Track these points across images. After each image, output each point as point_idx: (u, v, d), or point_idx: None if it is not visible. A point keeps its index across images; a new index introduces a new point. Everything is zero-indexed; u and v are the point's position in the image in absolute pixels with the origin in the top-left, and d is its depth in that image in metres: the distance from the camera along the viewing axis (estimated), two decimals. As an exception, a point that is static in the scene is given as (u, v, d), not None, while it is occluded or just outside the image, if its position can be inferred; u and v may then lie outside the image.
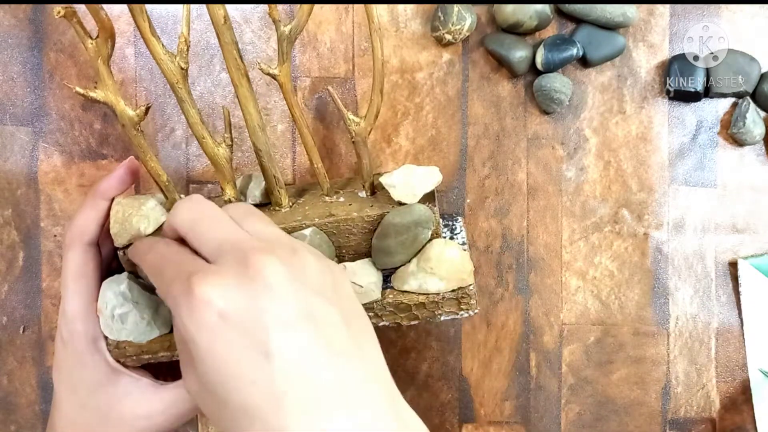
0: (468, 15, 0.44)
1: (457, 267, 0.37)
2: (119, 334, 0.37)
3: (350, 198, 0.39)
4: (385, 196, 0.37)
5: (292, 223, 0.37)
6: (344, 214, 0.37)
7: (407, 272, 0.38)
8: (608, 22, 0.45)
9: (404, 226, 0.36)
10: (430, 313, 0.38)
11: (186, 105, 0.34)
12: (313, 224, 0.37)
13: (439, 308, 0.38)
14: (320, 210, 0.37)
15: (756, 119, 0.47)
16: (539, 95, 0.46)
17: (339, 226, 0.37)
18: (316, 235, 0.36)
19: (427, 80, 0.46)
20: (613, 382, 0.49)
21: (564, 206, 0.48)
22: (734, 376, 0.49)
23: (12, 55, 0.44)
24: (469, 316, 0.39)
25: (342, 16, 0.46)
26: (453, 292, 0.38)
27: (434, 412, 0.48)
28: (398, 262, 0.38)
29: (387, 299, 0.38)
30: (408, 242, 0.37)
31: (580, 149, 0.48)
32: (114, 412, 0.37)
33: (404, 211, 0.36)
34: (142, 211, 0.36)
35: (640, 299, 0.49)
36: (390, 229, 0.37)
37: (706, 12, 0.48)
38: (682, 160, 0.48)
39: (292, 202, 0.38)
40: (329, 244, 0.37)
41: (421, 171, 0.37)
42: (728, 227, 0.49)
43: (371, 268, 0.38)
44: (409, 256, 0.38)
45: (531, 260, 0.48)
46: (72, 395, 0.37)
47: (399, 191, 0.36)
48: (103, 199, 0.37)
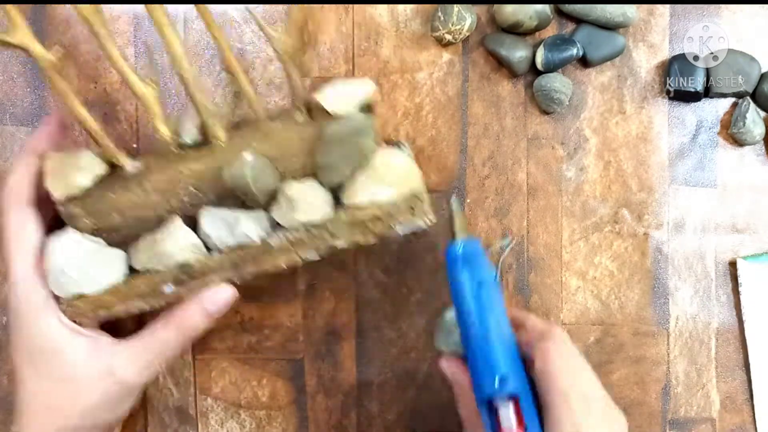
0: (468, 15, 0.44)
1: (404, 173, 0.37)
2: (69, 288, 0.35)
3: (287, 122, 0.37)
4: (322, 115, 0.37)
5: (232, 152, 0.36)
6: (283, 136, 0.36)
7: (355, 186, 0.37)
8: (608, 22, 0.45)
9: (343, 136, 0.35)
10: (385, 226, 0.37)
11: (106, 43, 0.33)
12: (252, 149, 0.36)
13: (394, 220, 0.37)
14: (259, 136, 0.37)
15: (756, 119, 0.47)
16: (539, 95, 0.46)
17: (279, 149, 0.36)
18: (256, 159, 0.35)
19: (427, 80, 0.46)
20: (613, 382, 0.49)
21: (564, 206, 0.48)
22: (734, 376, 0.49)
23: (12, 55, 0.44)
24: (426, 226, 0.38)
25: (342, 16, 0.46)
26: (404, 200, 0.37)
27: (434, 412, 0.48)
28: (345, 177, 0.37)
29: (340, 216, 0.37)
30: (350, 154, 0.36)
31: (580, 149, 0.48)
32: (76, 376, 0.36)
33: (341, 120, 0.36)
34: (76, 163, 0.35)
35: (640, 299, 0.49)
36: (330, 141, 0.36)
37: (706, 12, 0.48)
38: (682, 160, 0.48)
39: (229, 135, 0.37)
40: (272, 167, 0.36)
41: (352, 83, 0.36)
42: (728, 227, 0.49)
43: (318, 186, 0.37)
44: (354, 170, 0.37)
45: (531, 260, 0.48)
46: (30, 367, 0.36)
47: (333, 105, 0.36)
48: (35, 156, 0.36)
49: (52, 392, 0.36)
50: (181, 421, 0.47)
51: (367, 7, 0.46)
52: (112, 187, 0.36)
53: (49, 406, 0.36)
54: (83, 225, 0.36)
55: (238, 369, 0.47)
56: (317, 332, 0.47)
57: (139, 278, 0.37)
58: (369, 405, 0.48)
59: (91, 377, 0.36)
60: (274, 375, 0.47)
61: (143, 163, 0.37)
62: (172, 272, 0.36)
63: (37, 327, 0.36)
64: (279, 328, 0.47)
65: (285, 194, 0.36)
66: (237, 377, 0.47)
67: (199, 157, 0.36)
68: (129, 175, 0.36)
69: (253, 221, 0.37)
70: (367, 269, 0.47)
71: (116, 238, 0.37)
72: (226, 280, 0.37)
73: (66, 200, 0.36)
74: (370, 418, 0.48)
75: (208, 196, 0.37)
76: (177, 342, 0.37)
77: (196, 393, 0.47)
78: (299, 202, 0.36)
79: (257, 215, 0.37)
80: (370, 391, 0.48)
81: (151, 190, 0.36)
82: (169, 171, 0.36)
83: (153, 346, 0.37)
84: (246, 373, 0.47)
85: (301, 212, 0.36)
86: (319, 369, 0.47)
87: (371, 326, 0.47)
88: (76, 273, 0.35)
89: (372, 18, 0.46)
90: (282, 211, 0.37)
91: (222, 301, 0.37)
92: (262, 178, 0.36)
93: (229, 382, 0.47)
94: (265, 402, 0.47)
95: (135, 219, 0.37)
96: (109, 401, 0.37)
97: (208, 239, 0.36)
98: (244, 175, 0.35)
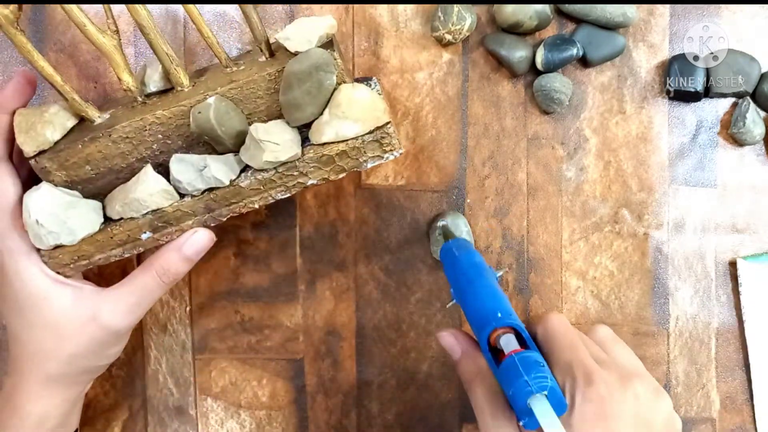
0: (468, 15, 0.44)
1: (369, 106, 0.37)
2: (47, 239, 0.36)
3: (250, 64, 0.38)
4: (284, 54, 0.37)
5: (195, 98, 0.36)
6: (246, 78, 0.36)
7: (321, 123, 0.37)
8: (608, 22, 0.45)
9: (304, 72, 0.35)
10: (354, 162, 0.37)
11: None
12: (216, 93, 0.36)
13: (362, 154, 0.37)
14: (222, 80, 0.37)
15: (756, 119, 0.47)
16: (539, 95, 0.46)
17: (243, 91, 0.36)
18: (220, 102, 0.36)
19: (427, 80, 0.46)
20: (613, 382, 0.49)
21: (564, 206, 0.48)
22: (734, 376, 0.49)
23: (12, 55, 0.44)
24: (395, 157, 0.38)
25: (342, 16, 0.46)
26: (371, 134, 0.37)
27: (434, 412, 0.48)
28: (310, 115, 0.37)
29: (308, 154, 0.37)
30: (314, 90, 0.36)
31: (580, 149, 0.48)
32: (61, 322, 0.37)
33: (302, 57, 0.36)
34: (45, 117, 0.36)
35: (640, 299, 0.49)
36: (292, 79, 0.36)
37: (706, 12, 0.48)
38: (682, 160, 0.48)
39: (193, 81, 0.37)
40: (237, 110, 0.37)
41: (313, 20, 0.36)
42: (728, 227, 0.49)
43: (285, 125, 0.37)
44: (319, 108, 0.37)
45: (531, 260, 0.48)
46: (18, 316, 0.37)
47: (294, 42, 0.36)
48: (4, 113, 0.37)
49: (39, 340, 0.37)
50: (181, 421, 0.47)
51: (367, 7, 0.46)
52: (82, 139, 0.36)
53: (37, 354, 0.38)
54: (56, 178, 0.37)
55: (238, 369, 0.47)
56: (317, 332, 0.47)
57: (115, 227, 0.37)
58: (369, 405, 0.48)
59: (77, 323, 0.37)
60: (274, 375, 0.47)
61: (111, 113, 0.37)
62: (146, 219, 0.37)
63: (22, 277, 0.37)
64: (279, 328, 0.47)
65: (252, 136, 0.36)
66: (237, 377, 0.47)
67: (165, 104, 0.37)
68: (97, 126, 0.37)
69: (222, 164, 0.37)
70: (367, 269, 0.47)
71: (91, 189, 0.38)
72: (202, 225, 0.38)
73: (37, 155, 0.36)
74: (370, 418, 0.48)
75: (177, 143, 0.37)
76: (158, 286, 0.38)
77: (196, 393, 0.47)
78: (266, 144, 0.36)
79: (226, 159, 0.37)
80: (370, 391, 0.48)
81: (119, 140, 0.36)
82: (135, 119, 0.36)
83: (135, 291, 0.38)
84: (246, 373, 0.47)
85: (269, 153, 0.36)
86: (319, 369, 0.47)
87: (371, 326, 0.47)
88: (53, 225, 0.36)
89: (372, 18, 0.46)
90: (250, 152, 0.37)
91: (199, 244, 0.38)
92: (227, 121, 0.36)
93: (229, 382, 0.47)
94: (265, 402, 0.47)
95: (107, 170, 0.37)
96: (95, 347, 0.38)
97: (179, 184, 0.37)
98: (209, 119, 0.36)
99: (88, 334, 0.38)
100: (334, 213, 0.47)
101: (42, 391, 0.38)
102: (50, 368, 0.38)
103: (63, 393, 0.39)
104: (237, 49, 0.45)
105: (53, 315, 0.37)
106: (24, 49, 0.33)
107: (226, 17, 0.45)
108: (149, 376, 0.47)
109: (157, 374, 0.47)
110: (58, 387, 0.38)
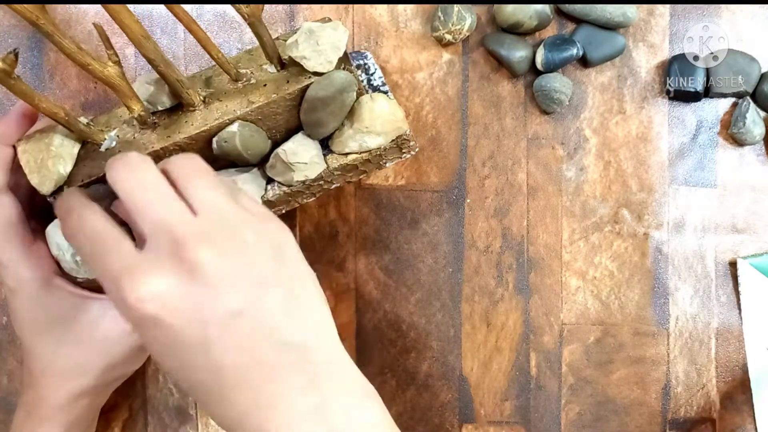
0: (468, 15, 0.44)
1: (390, 118, 0.38)
2: (90, 273, 0.36)
3: (261, 77, 0.37)
4: (296, 65, 0.36)
5: (215, 121, 0.35)
6: (264, 99, 0.36)
7: (344, 136, 0.38)
8: (608, 22, 0.45)
9: (329, 97, 0.36)
10: (375, 165, 0.40)
11: (56, 37, 0.32)
12: (237, 117, 0.35)
13: (383, 159, 0.40)
14: (237, 100, 0.36)
15: (756, 119, 0.47)
16: (539, 95, 0.46)
17: (263, 111, 0.36)
18: (244, 128, 0.36)
19: (427, 80, 0.46)
20: (613, 382, 0.49)
21: (564, 206, 0.48)
22: (734, 376, 0.49)
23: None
24: (411, 156, 0.41)
25: (342, 16, 0.46)
26: (393, 142, 0.39)
27: (434, 412, 0.48)
28: (332, 129, 0.38)
29: (332, 165, 0.38)
30: (337, 110, 0.36)
31: (580, 149, 0.48)
32: (94, 336, 0.37)
33: (325, 82, 0.35)
34: (52, 151, 0.35)
35: (640, 299, 0.49)
36: (316, 103, 0.36)
37: (706, 12, 0.48)
38: (682, 160, 0.48)
39: (203, 97, 0.36)
40: (259, 131, 0.37)
41: (324, 31, 0.35)
42: (728, 227, 0.49)
43: (308, 141, 0.38)
44: (340, 121, 0.38)
45: (531, 260, 0.48)
46: (45, 336, 0.37)
47: (313, 62, 0.35)
48: (3, 145, 0.36)
49: (71, 356, 0.37)
50: (181, 421, 0.47)
51: (367, 7, 0.46)
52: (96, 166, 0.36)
53: (68, 370, 0.37)
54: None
55: (238, 369, 0.47)
56: (317, 332, 0.47)
57: None
58: (369, 405, 0.48)
59: (113, 335, 0.37)
60: (274, 375, 0.47)
61: (118, 134, 0.36)
62: None
63: (46, 303, 0.37)
64: (279, 328, 0.47)
65: (280, 159, 0.37)
66: (237, 377, 0.47)
67: (178, 127, 0.36)
68: (108, 153, 0.36)
69: (251, 183, 0.37)
70: (367, 269, 0.47)
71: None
72: None
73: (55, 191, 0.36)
74: (370, 418, 0.48)
75: None
76: None
77: (196, 393, 0.47)
78: (296, 165, 0.37)
79: (254, 177, 0.38)
80: (370, 391, 0.48)
81: None
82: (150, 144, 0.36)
83: None
84: (246, 373, 0.47)
85: (299, 173, 0.37)
86: (319, 369, 0.47)
87: (371, 326, 0.47)
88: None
89: (372, 18, 0.46)
90: (277, 170, 0.38)
91: None
92: (252, 144, 0.36)
93: (229, 382, 0.47)
94: (265, 402, 0.47)
95: None
96: (132, 355, 0.39)
97: None
98: (236, 146, 0.36)
99: (125, 345, 0.38)
100: (334, 213, 0.47)
101: (73, 403, 0.38)
102: (83, 382, 0.38)
103: (93, 402, 0.39)
104: (237, 49, 0.45)
105: (85, 331, 0.37)
106: (25, 96, 0.33)
107: (226, 17, 0.45)
108: (149, 376, 0.47)
109: (158, 374, 0.47)
110: (89, 397, 0.38)
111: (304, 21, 0.45)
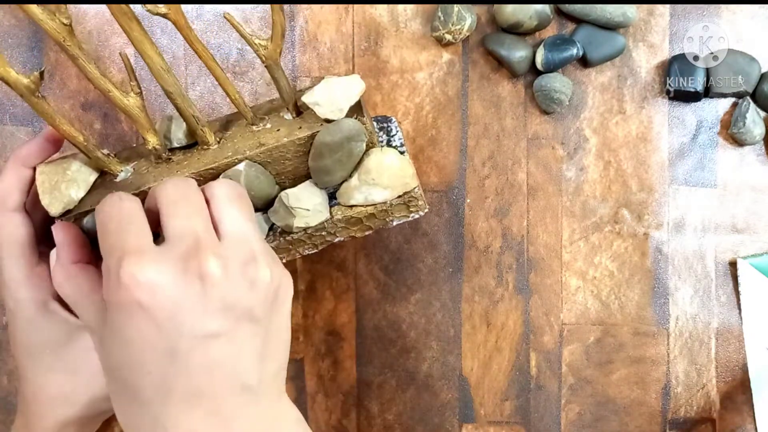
0: (468, 15, 0.44)
1: (398, 173, 0.37)
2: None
3: (277, 123, 0.37)
4: (311, 114, 0.36)
5: (224, 160, 0.36)
6: (274, 142, 0.36)
7: (350, 187, 0.38)
8: (608, 22, 0.45)
9: (336, 143, 0.36)
10: (381, 222, 0.39)
11: (80, 61, 0.32)
12: (245, 157, 0.36)
13: (389, 215, 0.39)
14: (250, 141, 0.36)
15: (756, 119, 0.47)
16: (539, 95, 0.46)
17: (272, 155, 0.36)
18: (250, 168, 0.36)
19: (427, 80, 0.46)
20: (613, 382, 0.49)
21: (564, 206, 0.48)
22: (734, 376, 0.49)
23: (12, 55, 0.44)
24: (419, 216, 0.39)
25: (342, 16, 0.46)
26: (399, 198, 0.38)
27: (434, 412, 0.48)
28: (339, 178, 0.38)
29: (336, 216, 0.38)
30: (344, 158, 0.36)
31: (580, 149, 0.48)
32: (83, 367, 0.37)
33: (333, 129, 0.35)
34: (68, 175, 0.35)
35: (640, 299, 0.49)
36: (323, 149, 0.36)
37: (706, 12, 0.48)
38: (682, 160, 0.48)
39: (219, 138, 0.37)
40: (266, 174, 0.37)
41: (341, 83, 0.36)
42: (728, 227, 0.49)
43: (314, 188, 0.38)
44: (348, 171, 0.37)
45: (531, 260, 0.48)
46: (36, 362, 0.37)
47: (324, 109, 0.35)
48: (25, 167, 0.36)
49: (59, 384, 0.37)
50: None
51: (367, 7, 0.46)
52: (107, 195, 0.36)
53: (56, 398, 0.37)
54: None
55: (238, 369, 0.47)
56: (317, 332, 0.47)
57: None
58: (369, 405, 0.48)
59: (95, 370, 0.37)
60: (274, 375, 0.47)
61: (134, 168, 0.37)
62: None
63: (40, 327, 0.36)
64: (279, 328, 0.47)
65: (283, 203, 0.37)
66: (237, 377, 0.47)
67: (191, 164, 0.36)
68: (121, 185, 0.36)
69: None
70: (367, 269, 0.47)
71: None
72: None
73: (63, 214, 0.36)
74: (370, 418, 0.48)
75: None
76: None
77: (196, 393, 0.47)
78: (297, 210, 0.37)
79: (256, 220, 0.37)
80: (370, 391, 0.48)
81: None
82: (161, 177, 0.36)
83: None
84: (246, 373, 0.47)
85: (300, 219, 0.37)
86: (319, 369, 0.47)
87: (371, 326, 0.47)
88: None
89: (372, 18, 0.46)
90: (280, 215, 0.37)
91: None
92: (257, 185, 0.36)
93: (229, 382, 0.47)
94: (265, 402, 0.47)
95: None
96: None
97: None
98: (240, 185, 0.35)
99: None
100: (334, 213, 0.47)
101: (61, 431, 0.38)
102: (68, 412, 0.37)
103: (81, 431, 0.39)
104: (237, 50, 0.45)
105: (76, 360, 0.37)
106: (47, 116, 0.33)
107: (226, 17, 0.45)
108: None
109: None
110: (75, 427, 0.38)
111: (304, 21, 0.46)
